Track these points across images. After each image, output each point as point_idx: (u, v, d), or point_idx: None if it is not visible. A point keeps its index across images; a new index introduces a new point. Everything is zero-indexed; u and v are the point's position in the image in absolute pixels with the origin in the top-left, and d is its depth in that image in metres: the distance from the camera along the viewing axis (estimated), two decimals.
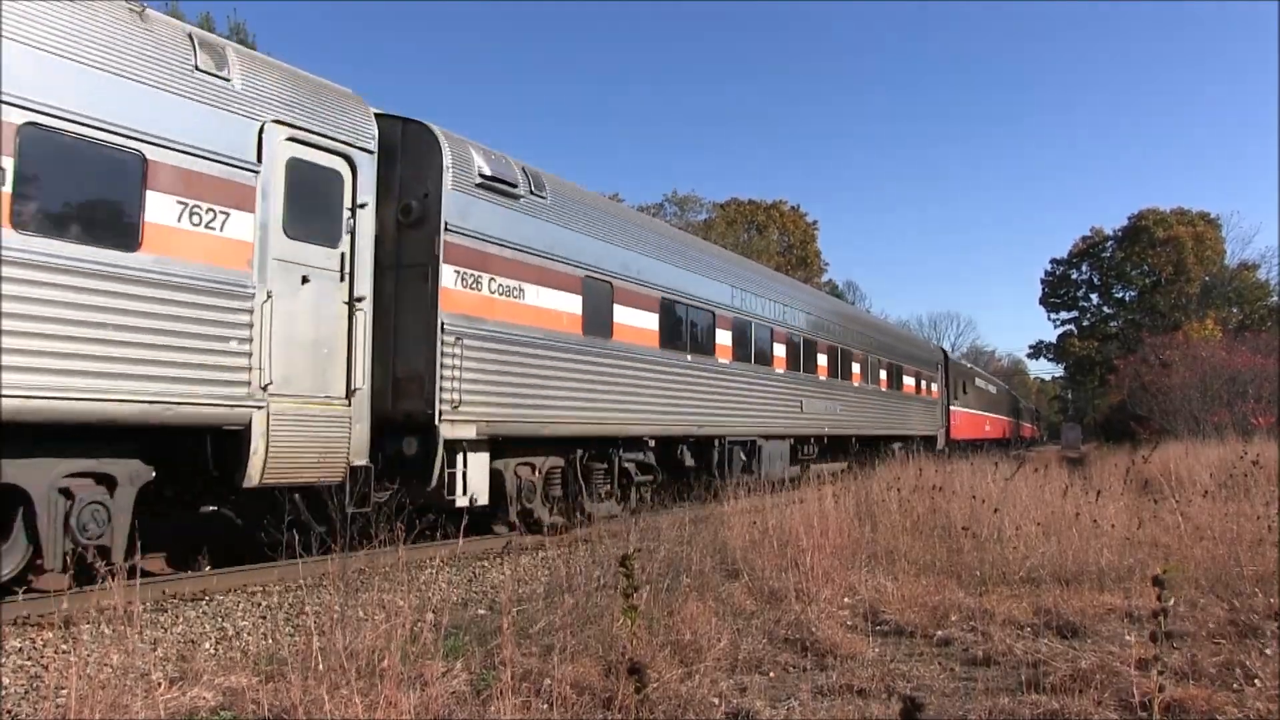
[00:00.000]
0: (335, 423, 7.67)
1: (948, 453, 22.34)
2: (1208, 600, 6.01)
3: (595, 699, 4.08)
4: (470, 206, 9.07)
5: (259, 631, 5.74)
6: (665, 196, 53.15)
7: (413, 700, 3.70)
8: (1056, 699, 4.15)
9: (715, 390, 14.14)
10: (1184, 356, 35.74)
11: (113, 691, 3.66)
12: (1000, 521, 7.91)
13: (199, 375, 6.62)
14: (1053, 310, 70.89)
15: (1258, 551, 6.72)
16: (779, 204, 57.49)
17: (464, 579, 7.63)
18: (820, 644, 5.16)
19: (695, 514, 9.02)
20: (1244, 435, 21.57)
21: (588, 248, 11.12)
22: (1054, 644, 5.17)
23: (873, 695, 4.37)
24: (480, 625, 5.30)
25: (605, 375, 11.18)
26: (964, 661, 5.04)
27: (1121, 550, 7.30)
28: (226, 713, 3.92)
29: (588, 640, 4.75)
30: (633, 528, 8.07)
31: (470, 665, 4.43)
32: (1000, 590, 6.54)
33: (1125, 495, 9.73)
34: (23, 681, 4.63)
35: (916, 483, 10.13)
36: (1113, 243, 66.14)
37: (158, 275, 6.42)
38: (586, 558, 6.89)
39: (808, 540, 6.80)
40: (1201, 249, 59.64)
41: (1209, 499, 8.65)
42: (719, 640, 4.93)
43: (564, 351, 10.38)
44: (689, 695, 4.12)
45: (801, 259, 55.52)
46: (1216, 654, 4.88)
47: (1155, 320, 57.16)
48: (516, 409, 9.49)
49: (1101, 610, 5.98)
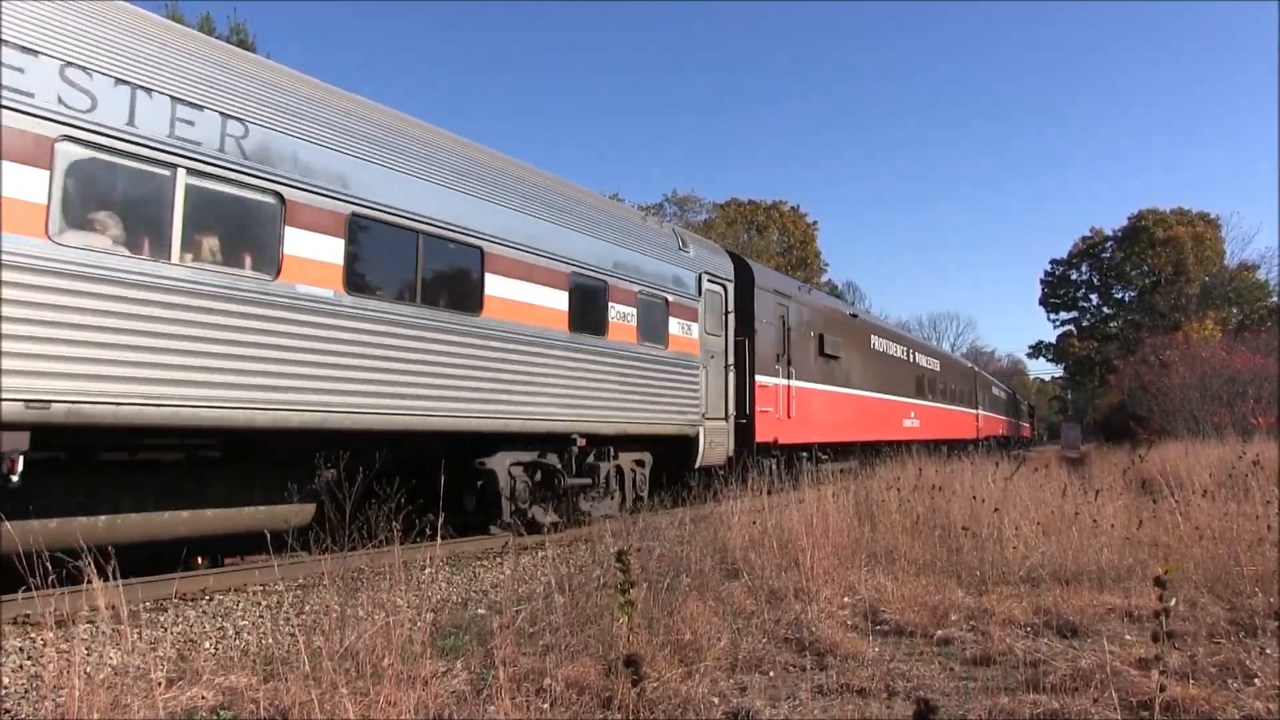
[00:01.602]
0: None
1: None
2: (1208, 600, 6.02)
3: (595, 698, 4.08)
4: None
5: (259, 631, 5.74)
6: (665, 196, 53.22)
7: (412, 699, 3.70)
8: (1056, 698, 4.15)
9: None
10: (1184, 357, 35.76)
11: (112, 691, 3.66)
12: (1000, 521, 7.92)
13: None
14: (1052, 311, 70.98)
15: (1257, 551, 6.72)
16: (779, 204, 57.51)
17: (464, 578, 7.63)
18: (820, 643, 5.16)
19: (695, 514, 9.03)
20: (1243, 435, 21.58)
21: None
22: (1054, 643, 5.18)
23: (872, 695, 4.37)
24: (480, 624, 5.30)
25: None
26: (964, 661, 5.04)
27: (1121, 550, 7.30)
28: (226, 712, 3.92)
29: (587, 639, 4.75)
30: (633, 527, 8.07)
31: (470, 664, 4.44)
32: (1000, 590, 6.54)
33: (1125, 495, 9.73)
34: (23, 681, 4.63)
35: (916, 483, 10.13)
36: (1112, 243, 66.19)
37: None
38: (587, 556, 6.90)
39: (808, 540, 6.80)
40: (1201, 249, 59.68)
41: (1209, 499, 8.65)
42: (719, 640, 4.93)
43: None
44: (689, 694, 4.12)
45: (801, 259, 55.54)
46: (1216, 654, 4.89)
47: (1155, 320, 57.19)
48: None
49: (1101, 610, 5.98)
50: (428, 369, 8.47)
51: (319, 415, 7.37)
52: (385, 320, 8.04)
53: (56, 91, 5.89)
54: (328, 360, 7.48)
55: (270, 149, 7.17)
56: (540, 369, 9.97)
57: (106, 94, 6.15)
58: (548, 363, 10.09)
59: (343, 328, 7.63)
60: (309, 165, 7.45)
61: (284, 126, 7.33)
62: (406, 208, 8.36)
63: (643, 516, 8.78)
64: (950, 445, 30.93)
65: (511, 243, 9.67)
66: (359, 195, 7.88)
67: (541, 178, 10.96)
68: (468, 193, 9.16)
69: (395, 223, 8.26)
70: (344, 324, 7.65)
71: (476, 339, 9.11)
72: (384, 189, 8.14)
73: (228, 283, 6.79)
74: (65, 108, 5.91)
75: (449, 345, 8.76)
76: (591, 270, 11.02)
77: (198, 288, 6.58)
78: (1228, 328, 51.94)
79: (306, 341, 7.32)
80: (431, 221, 8.63)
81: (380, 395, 7.93)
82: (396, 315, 8.17)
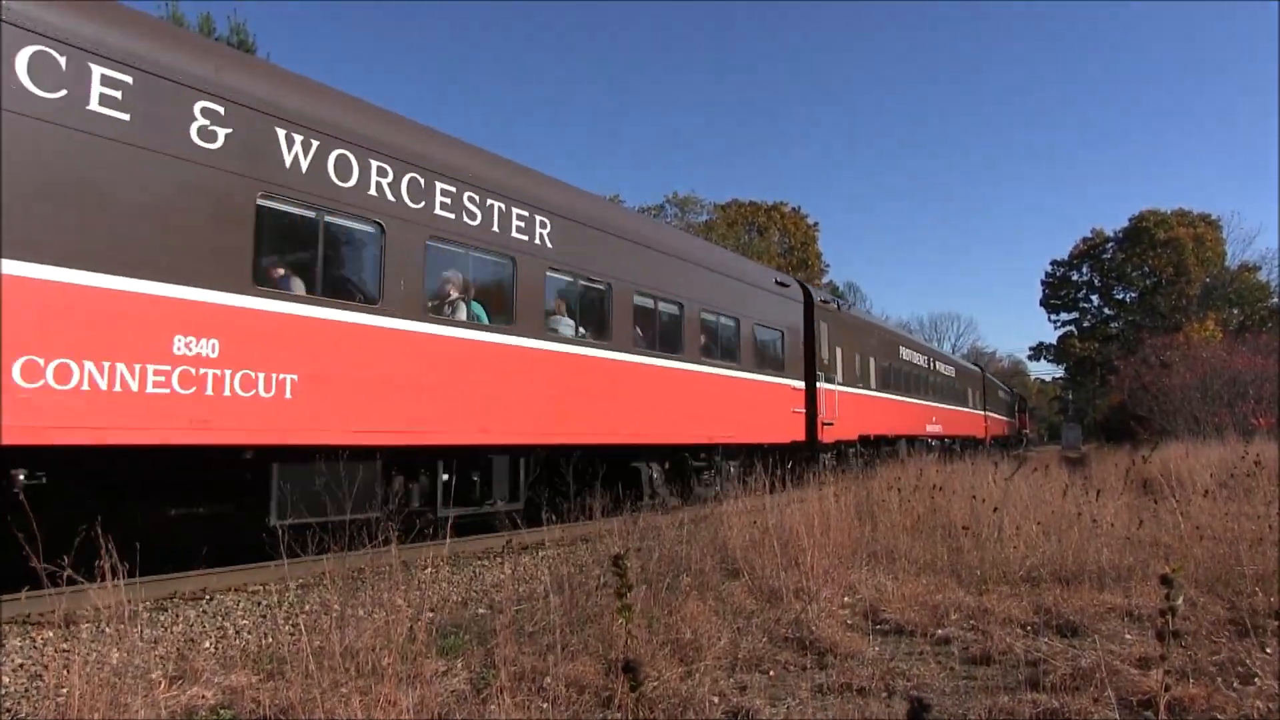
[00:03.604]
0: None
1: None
2: (1208, 599, 6.01)
3: (595, 698, 4.08)
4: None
5: (259, 630, 5.74)
6: (666, 197, 53.21)
7: (412, 698, 3.70)
8: (1056, 698, 4.14)
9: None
10: (1184, 357, 35.77)
11: (112, 690, 3.66)
12: (1000, 521, 7.91)
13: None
14: (1053, 311, 71.05)
15: (1258, 551, 6.71)
16: (780, 205, 57.55)
17: (464, 578, 7.63)
18: (820, 643, 5.16)
19: (696, 514, 9.03)
20: (1244, 436, 21.56)
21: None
22: (1054, 643, 5.17)
23: (872, 694, 4.37)
24: (480, 624, 5.30)
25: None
26: (964, 660, 5.03)
27: (1121, 549, 7.30)
28: (226, 711, 3.92)
29: (587, 639, 4.75)
30: (634, 527, 8.07)
31: (470, 664, 4.44)
32: (1000, 589, 6.54)
33: (1125, 495, 9.72)
34: (23, 681, 4.63)
35: (917, 483, 10.13)
36: (1113, 244, 66.24)
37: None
38: (587, 556, 6.90)
39: (808, 539, 6.80)
40: (1202, 250, 59.73)
41: (1209, 499, 8.65)
42: (719, 639, 4.93)
43: None
44: (689, 694, 4.12)
45: (802, 260, 55.57)
46: (1216, 653, 4.88)
47: (1156, 321, 57.25)
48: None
49: (1101, 609, 5.98)
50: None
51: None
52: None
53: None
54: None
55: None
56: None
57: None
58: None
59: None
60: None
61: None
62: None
63: (642, 517, 8.80)
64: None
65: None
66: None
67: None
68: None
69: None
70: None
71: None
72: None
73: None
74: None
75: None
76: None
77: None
78: (1228, 328, 51.97)
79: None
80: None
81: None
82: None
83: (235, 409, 6.80)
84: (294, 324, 7.37)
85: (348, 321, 7.88)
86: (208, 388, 6.63)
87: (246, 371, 6.91)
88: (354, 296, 8.14)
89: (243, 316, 6.95)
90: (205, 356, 6.62)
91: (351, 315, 7.90)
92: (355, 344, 7.89)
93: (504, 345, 9.70)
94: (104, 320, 6.09)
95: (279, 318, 7.23)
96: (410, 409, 8.42)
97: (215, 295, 6.77)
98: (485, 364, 9.41)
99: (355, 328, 7.92)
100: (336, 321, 7.75)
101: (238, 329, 6.89)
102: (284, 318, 7.29)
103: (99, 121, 6.17)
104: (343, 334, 7.79)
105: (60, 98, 5.98)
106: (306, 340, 7.45)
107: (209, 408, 6.62)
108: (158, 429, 6.31)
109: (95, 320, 6.04)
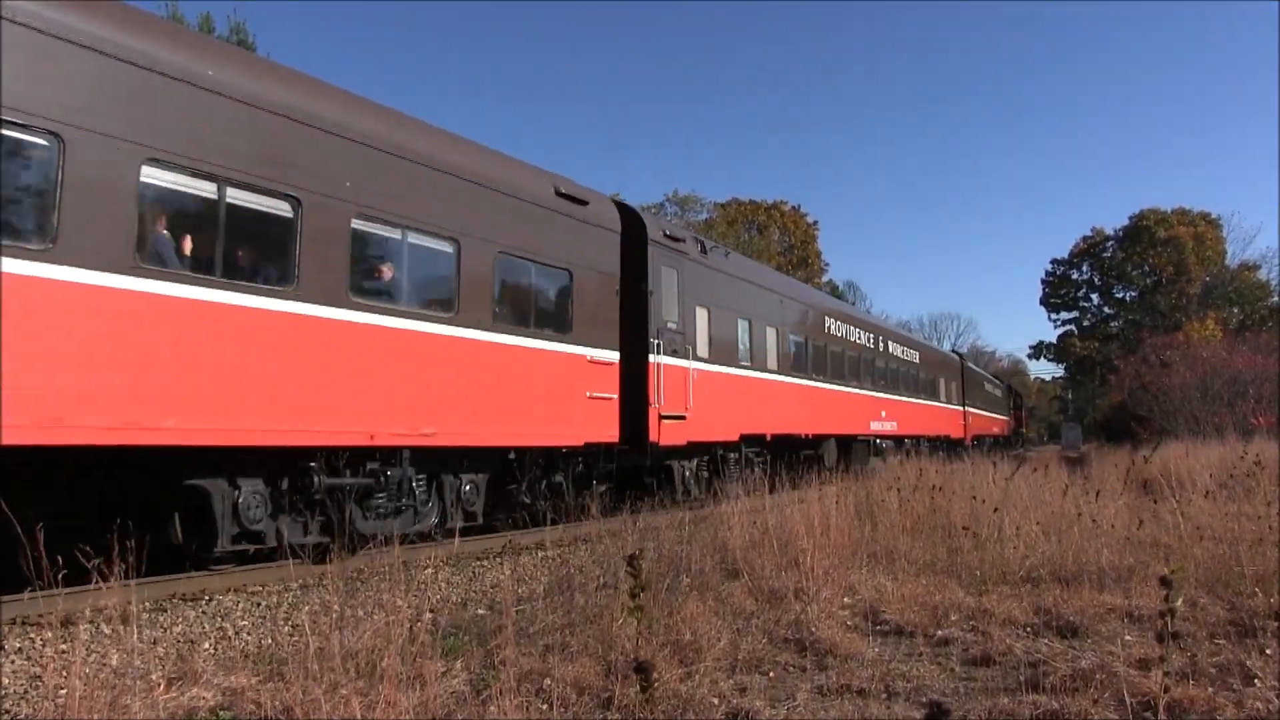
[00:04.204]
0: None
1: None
2: (1208, 600, 6.01)
3: (595, 698, 4.08)
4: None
5: (258, 631, 5.73)
6: (666, 196, 53.17)
7: (412, 700, 3.70)
8: (1056, 699, 4.14)
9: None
10: (1184, 357, 35.76)
11: (112, 692, 3.66)
12: (1000, 521, 7.91)
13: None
14: (1053, 310, 71.00)
15: (1258, 551, 6.71)
16: (779, 204, 57.52)
17: (464, 578, 7.63)
18: (820, 644, 5.16)
19: (695, 514, 9.04)
20: (1244, 435, 21.56)
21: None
22: (1054, 644, 5.17)
23: (872, 695, 4.37)
24: (480, 625, 5.29)
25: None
26: (964, 661, 5.03)
27: (1121, 550, 7.30)
28: (226, 713, 3.92)
29: (587, 640, 4.75)
30: (633, 527, 8.07)
31: (470, 665, 4.43)
32: (1000, 590, 6.54)
33: (1125, 495, 9.72)
34: (23, 681, 4.63)
35: (917, 483, 10.13)
36: (1113, 243, 66.20)
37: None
38: (586, 557, 6.90)
39: (808, 540, 6.80)
40: (1202, 249, 59.71)
41: (1209, 499, 8.64)
42: (719, 640, 4.93)
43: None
44: (689, 695, 4.12)
45: (802, 259, 55.56)
46: (1216, 654, 4.88)
47: (1156, 320, 57.23)
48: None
49: (1101, 610, 5.97)
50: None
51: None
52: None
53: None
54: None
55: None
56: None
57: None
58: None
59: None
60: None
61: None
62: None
63: (642, 517, 8.80)
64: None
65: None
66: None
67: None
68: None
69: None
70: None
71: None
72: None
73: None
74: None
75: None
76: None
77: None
78: (1228, 328, 51.97)
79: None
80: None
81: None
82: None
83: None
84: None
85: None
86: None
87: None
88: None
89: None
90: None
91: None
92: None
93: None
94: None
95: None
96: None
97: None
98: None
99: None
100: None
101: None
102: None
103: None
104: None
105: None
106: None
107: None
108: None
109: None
